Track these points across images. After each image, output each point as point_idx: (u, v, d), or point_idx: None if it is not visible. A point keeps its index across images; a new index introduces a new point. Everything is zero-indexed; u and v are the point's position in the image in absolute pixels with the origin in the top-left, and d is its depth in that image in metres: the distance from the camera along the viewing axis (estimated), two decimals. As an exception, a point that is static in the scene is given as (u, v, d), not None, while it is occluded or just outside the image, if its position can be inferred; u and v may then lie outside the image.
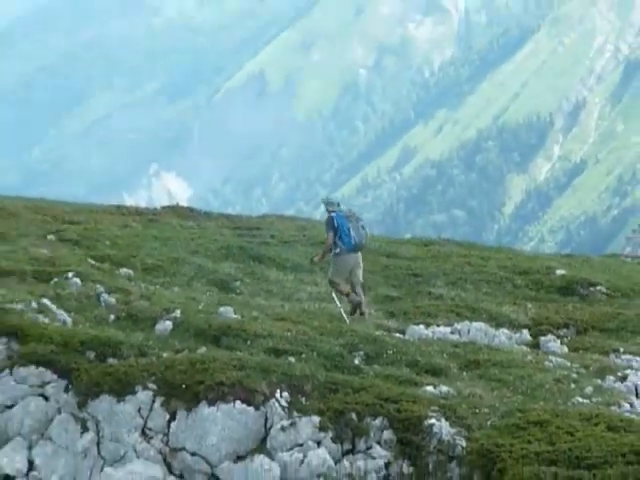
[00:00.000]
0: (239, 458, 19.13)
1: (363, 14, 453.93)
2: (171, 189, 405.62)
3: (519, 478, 17.65)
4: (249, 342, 22.04)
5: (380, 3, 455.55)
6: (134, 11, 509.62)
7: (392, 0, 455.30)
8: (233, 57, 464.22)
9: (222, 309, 24.30)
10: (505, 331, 26.41)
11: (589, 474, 17.28)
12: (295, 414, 19.32)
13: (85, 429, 19.76)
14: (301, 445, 18.94)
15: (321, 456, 18.78)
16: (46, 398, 20.43)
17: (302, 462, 18.74)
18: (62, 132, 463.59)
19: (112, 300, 24.22)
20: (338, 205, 28.65)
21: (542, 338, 25.88)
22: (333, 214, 27.87)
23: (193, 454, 19.27)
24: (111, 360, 20.69)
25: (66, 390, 20.35)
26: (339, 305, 28.20)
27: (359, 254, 27.97)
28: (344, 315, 27.78)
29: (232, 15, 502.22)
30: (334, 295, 28.51)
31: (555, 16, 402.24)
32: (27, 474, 19.65)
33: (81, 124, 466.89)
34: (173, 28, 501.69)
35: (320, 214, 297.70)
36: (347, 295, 27.47)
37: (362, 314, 26.65)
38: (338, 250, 27.52)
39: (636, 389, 21.81)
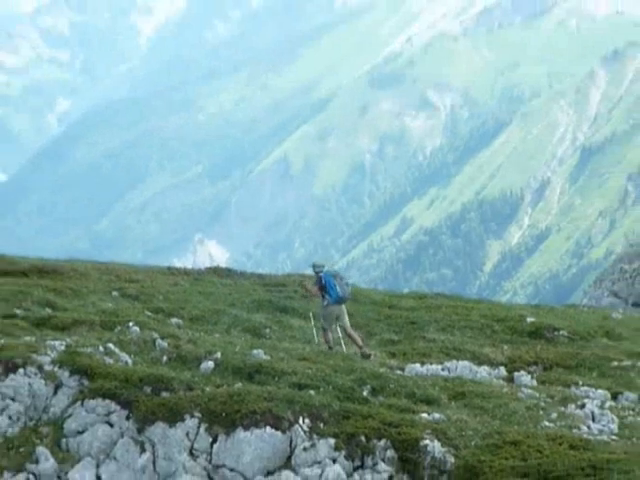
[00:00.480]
0: (269, 473, 19.19)
1: (368, 110, 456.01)
2: (212, 253, 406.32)
3: None
4: (277, 378, 21.92)
5: (382, 101, 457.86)
6: (183, 108, 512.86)
7: (392, 98, 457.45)
8: (263, 145, 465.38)
9: (255, 351, 24.23)
10: (486, 368, 26.26)
11: None
12: (315, 437, 19.40)
13: (143, 450, 19.84)
14: (320, 462, 19.03)
15: (336, 471, 18.93)
16: (111, 425, 20.52)
17: (320, 476, 18.92)
18: (124, 206, 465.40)
19: (165, 344, 24.12)
20: (323, 267, 28.97)
21: (515, 373, 25.73)
22: (321, 274, 28.30)
23: (231, 470, 19.32)
24: (164, 393, 20.75)
25: (127, 418, 20.49)
26: (316, 338, 29.18)
27: (343, 306, 28.25)
28: (318, 342, 29.06)
29: (261, 111, 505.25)
30: (314, 330, 29.56)
31: (524, 111, 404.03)
32: None
33: (140, 200, 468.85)
34: (214, 122, 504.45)
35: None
36: (327, 342, 28.06)
37: (367, 356, 26.74)
38: (326, 302, 27.85)
39: (592, 415, 21.79)
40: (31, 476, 19.65)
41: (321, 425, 19.76)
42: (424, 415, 20.35)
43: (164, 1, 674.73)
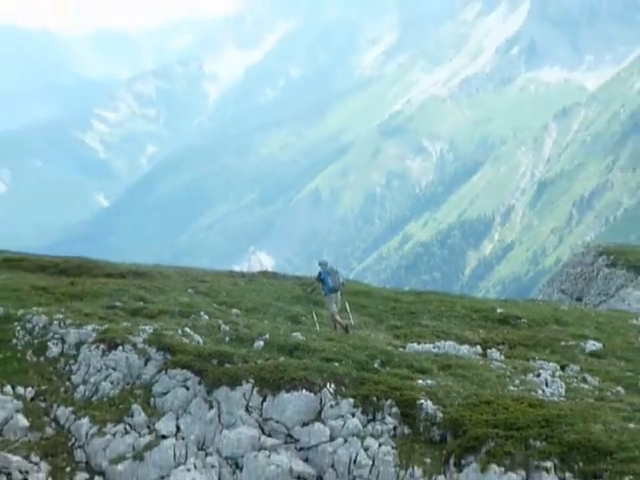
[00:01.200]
0: (304, 424, 18.95)
1: (379, 154, 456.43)
2: (262, 261, 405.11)
3: (475, 436, 17.44)
4: (310, 354, 21.70)
5: (389, 147, 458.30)
6: (241, 152, 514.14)
7: (396, 145, 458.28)
8: (300, 180, 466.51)
9: (294, 334, 24.03)
10: (466, 347, 25.65)
11: (517, 433, 17.12)
12: (338, 397, 19.13)
13: (211, 407, 19.63)
14: (342, 416, 18.81)
15: (354, 423, 18.75)
16: (187, 388, 20.39)
17: (343, 426, 18.66)
18: (197, 225, 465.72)
19: (227, 328, 23.91)
20: (326, 265, 28.56)
21: (488, 350, 25.21)
22: (321, 271, 28.30)
23: (277, 422, 19.07)
24: (227, 365, 20.53)
25: (199, 383, 20.31)
26: (317, 322, 28.84)
27: (337, 294, 28.20)
28: (317, 325, 28.54)
29: (299, 154, 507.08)
30: (315, 317, 29.17)
31: (495, 155, 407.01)
32: (176, 434, 19.46)
33: (209, 220, 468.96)
34: (265, 162, 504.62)
35: (353, 275, 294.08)
36: (336, 321, 27.86)
37: (347, 332, 26.82)
38: (324, 292, 28.07)
39: (546, 381, 21.49)
40: (127, 426, 19.62)
41: (343, 389, 19.45)
42: (420, 381, 20.06)
43: (227, 71, 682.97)
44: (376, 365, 21.82)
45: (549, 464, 16.86)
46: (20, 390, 21.11)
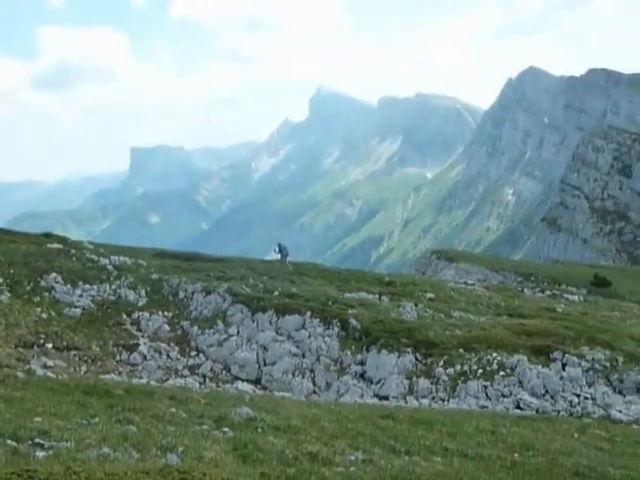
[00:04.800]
0: (296, 330, 29.49)
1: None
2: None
3: (375, 336, 27.71)
4: (299, 297, 32.03)
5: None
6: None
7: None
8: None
9: (292, 289, 33.21)
10: (371, 295, 35.68)
11: (394, 335, 26.82)
12: (312, 318, 29.62)
13: (253, 322, 29.92)
14: (314, 327, 29.16)
15: (319, 330, 28.98)
16: (242, 312, 30.65)
17: (314, 331, 28.88)
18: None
19: (261, 285, 33.72)
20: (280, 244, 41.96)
21: (382, 296, 33.06)
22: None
23: (284, 329, 29.42)
24: (260, 302, 30.76)
25: (248, 310, 30.55)
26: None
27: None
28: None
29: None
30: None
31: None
32: (237, 334, 29.27)
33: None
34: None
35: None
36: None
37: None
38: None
39: (407, 311, 31.93)
40: (214, 330, 29.88)
41: (314, 314, 29.42)
42: (350, 311, 29.27)
43: (267, 160, 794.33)
44: (330, 303, 32.07)
45: (409, 349, 26.38)
46: (166, 313, 32.60)
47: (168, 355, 28.84)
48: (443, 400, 23.62)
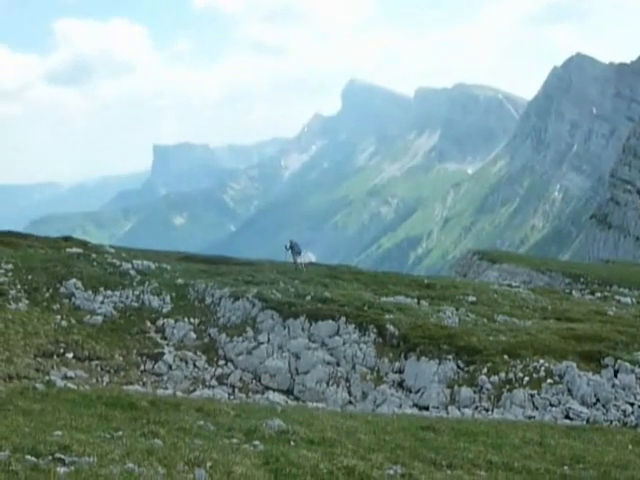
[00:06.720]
0: (330, 337, 29.29)
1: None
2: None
3: (414, 342, 28.03)
4: (333, 302, 31.80)
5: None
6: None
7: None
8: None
9: (325, 293, 32.95)
10: (409, 299, 33.64)
11: (434, 341, 26.66)
12: (347, 324, 29.18)
13: (284, 328, 29.77)
14: (348, 333, 28.98)
15: (354, 337, 28.70)
16: (273, 319, 30.56)
17: (349, 338, 28.84)
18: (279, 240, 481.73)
19: (292, 289, 33.73)
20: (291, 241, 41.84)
21: (421, 301, 32.61)
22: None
23: (317, 336, 29.26)
24: (292, 308, 30.69)
25: (279, 317, 30.53)
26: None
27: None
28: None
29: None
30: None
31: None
32: (267, 342, 29.14)
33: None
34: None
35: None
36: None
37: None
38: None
39: (448, 316, 31.49)
40: (243, 338, 29.93)
41: (349, 319, 29.29)
42: (387, 316, 29.09)
43: (297, 157, 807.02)
44: (365, 307, 31.90)
45: (450, 356, 26.26)
46: (192, 320, 32.70)
47: (195, 364, 28.82)
48: (487, 410, 23.49)
